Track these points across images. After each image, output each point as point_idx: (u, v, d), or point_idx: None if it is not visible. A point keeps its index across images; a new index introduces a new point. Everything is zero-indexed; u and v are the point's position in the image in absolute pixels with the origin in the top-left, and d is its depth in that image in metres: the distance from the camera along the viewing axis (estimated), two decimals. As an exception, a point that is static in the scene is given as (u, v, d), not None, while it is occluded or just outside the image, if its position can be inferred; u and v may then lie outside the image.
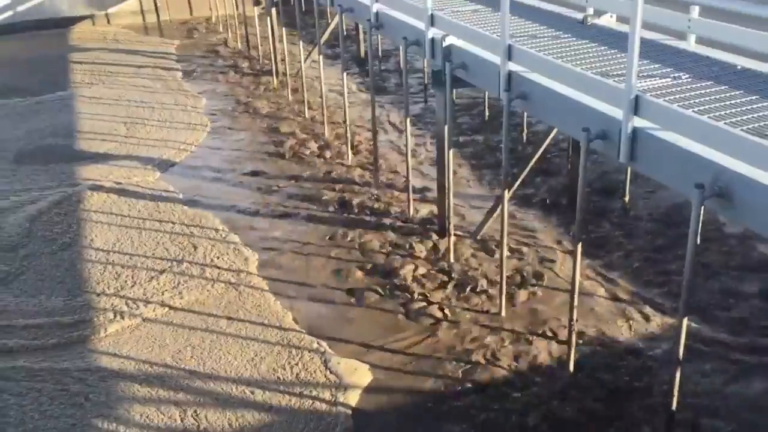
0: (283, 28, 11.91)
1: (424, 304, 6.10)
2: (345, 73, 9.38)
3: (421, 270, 6.58)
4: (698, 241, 3.94)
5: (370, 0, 7.81)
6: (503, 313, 5.92)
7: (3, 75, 13.75)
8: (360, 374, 5.28)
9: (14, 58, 15.03)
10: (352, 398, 5.04)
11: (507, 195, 5.84)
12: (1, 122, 11.15)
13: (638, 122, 4.25)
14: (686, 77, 4.89)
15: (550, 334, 5.66)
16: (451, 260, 6.71)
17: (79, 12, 17.20)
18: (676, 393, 4.35)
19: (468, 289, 6.27)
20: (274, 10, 12.36)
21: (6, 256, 7.12)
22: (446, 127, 6.61)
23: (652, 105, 4.17)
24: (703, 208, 3.78)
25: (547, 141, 6.80)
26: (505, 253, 5.92)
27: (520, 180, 6.82)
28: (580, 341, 5.47)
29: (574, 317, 5.09)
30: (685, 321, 4.14)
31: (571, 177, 7.32)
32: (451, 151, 6.64)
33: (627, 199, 7.73)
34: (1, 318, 6.09)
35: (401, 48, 7.47)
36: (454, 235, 6.83)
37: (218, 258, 6.97)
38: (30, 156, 9.86)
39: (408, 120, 7.57)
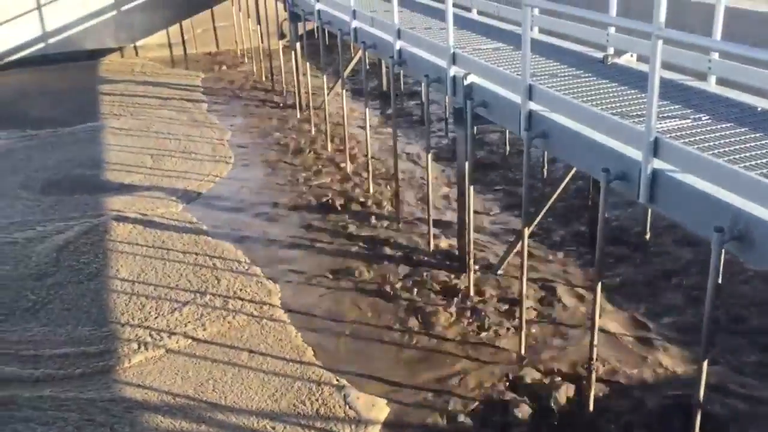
0: (307, 62, 12.12)
1: (443, 340, 6.13)
2: (367, 109, 9.55)
3: (441, 306, 6.62)
4: (719, 281, 3.96)
5: (392, 37, 7.97)
6: (522, 351, 5.93)
7: (35, 106, 14.11)
8: (378, 409, 5.31)
9: (46, 89, 15.41)
10: (371, 434, 5.07)
11: (527, 231, 5.90)
12: (32, 152, 11.41)
13: (658, 164, 4.30)
14: (706, 119, 4.94)
15: (569, 372, 5.66)
16: (471, 296, 6.75)
17: (108, 44, 17.63)
18: (697, 435, 4.34)
19: (487, 325, 6.29)
20: (298, 45, 12.60)
21: (34, 285, 7.27)
22: (467, 164, 6.70)
23: (672, 147, 4.22)
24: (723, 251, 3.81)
25: (568, 178, 6.85)
26: (525, 290, 5.95)
27: (540, 216, 6.86)
28: (600, 381, 5.46)
29: (594, 356, 5.09)
30: (705, 364, 4.14)
31: (591, 214, 7.36)
32: (471, 187, 6.72)
33: (648, 236, 7.73)
34: (29, 347, 6.22)
35: (423, 85, 7.60)
36: (474, 270, 6.88)
37: (241, 290, 7.07)
38: (58, 186, 10.07)
39: (429, 156, 7.67)
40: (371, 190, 9.34)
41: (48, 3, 17.02)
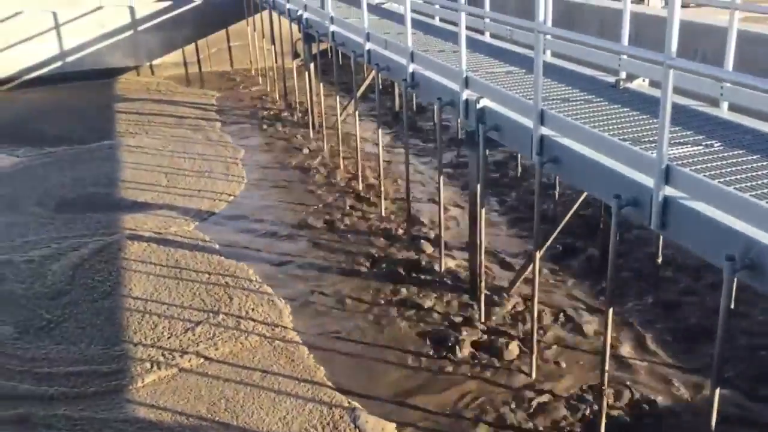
0: (321, 83, 12.23)
1: (454, 362, 6.14)
2: (380, 130, 9.62)
3: (452, 328, 6.64)
4: (731, 307, 3.96)
5: (406, 60, 8.05)
6: (533, 375, 5.93)
7: (53, 124, 14.30)
8: (389, 433, 5.32)
9: (63, 107, 15.63)
10: (382, 457, 5.08)
11: (538, 255, 5.92)
12: (49, 170, 11.56)
13: (669, 191, 4.32)
14: (718, 145, 4.96)
15: (580, 396, 5.65)
16: (482, 318, 6.76)
17: (124, 63, 17.86)
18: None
19: (498, 348, 6.30)
20: (312, 65, 12.73)
21: (49, 303, 7.35)
22: (479, 186, 6.74)
23: (683, 175, 4.24)
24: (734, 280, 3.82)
25: (580, 201, 6.87)
26: (536, 313, 5.96)
27: (551, 239, 6.88)
28: (612, 406, 5.45)
29: (605, 382, 5.09)
30: (718, 392, 4.13)
31: (603, 236, 7.36)
32: (483, 210, 6.75)
33: (660, 260, 7.72)
34: (43, 365, 6.28)
35: (435, 107, 7.66)
36: (485, 293, 6.89)
37: (253, 310, 7.11)
38: (72, 204, 10.18)
39: (441, 178, 7.71)
40: (383, 210, 9.39)
41: (66, 22, 17.30)
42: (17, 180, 11.17)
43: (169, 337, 6.58)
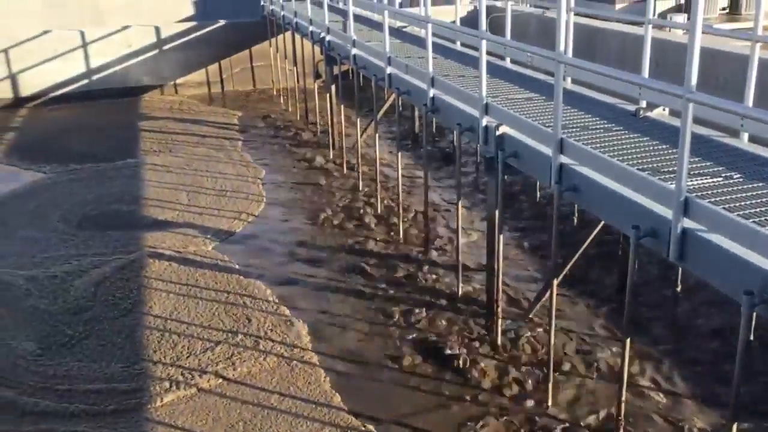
0: (341, 105, 12.35)
1: (471, 387, 6.15)
2: (399, 153, 9.71)
3: (470, 352, 6.65)
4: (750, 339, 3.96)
5: (426, 85, 8.14)
6: (549, 402, 5.92)
7: (79, 141, 14.56)
8: (405, 458, 5.34)
9: (89, 124, 15.90)
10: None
11: (555, 282, 5.93)
12: (74, 186, 11.76)
13: (688, 223, 4.34)
14: (737, 177, 4.97)
15: (597, 426, 5.63)
16: (498, 343, 6.77)
17: (149, 82, 18.15)
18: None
19: (514, 374, 6.30)
20: (333, 87, 12.86)
21: (71, 319, 7.46)
22: (497, 212, 6.78)
23: (702, 208, 4.26)
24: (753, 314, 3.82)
25: (597, 228, 6.87)
26: (553, 339, 5.96)
27: (568, 266, 6.88)
28: (629, 435, 5.44)
29: (622, 412, 5.08)
30: (735, 427, 4.11)
31: (622, 263, 7.36)
32: (501, 236, 6.78)
33: (679, 288, 7.69)
34: (64, 382, 6.37)
35: (455, 133, 7.73)
36: (502, 318, 6.90)
37: (271, 330, 7.17)
38: (94, 221, 10.34)
39: (459, 203, 7.76)
40: (401, 231, 9.44)
41: (93, 41, 17.64)
42: (43, 196, 11.36)
43: (188, 357, 6.66)
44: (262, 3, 18.34)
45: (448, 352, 6.67)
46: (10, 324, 7.43)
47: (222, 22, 18.33)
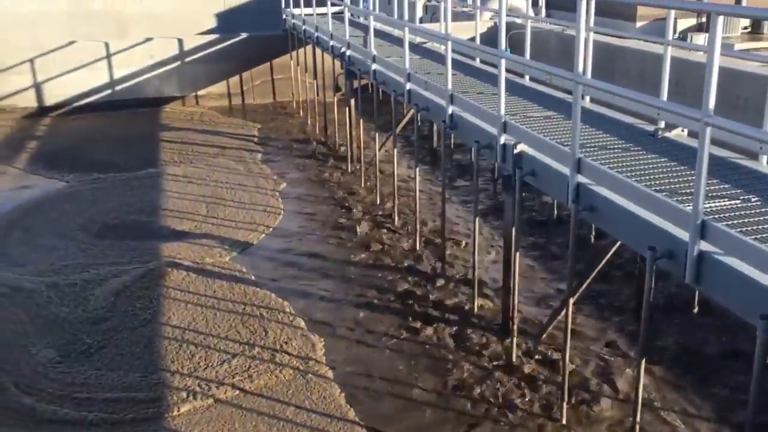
0: (360, 119, 12.45)
1: (486, 404, 6.16)
2: (417, 168, 9.77)
3: (484, 370, 6.67)
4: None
5: (445, 102, 8.20)
6: (564, 421, 5.91)
7: (101, 151, 14.78)
8: (418, 474, 5.36)
9: (111, 134, 16.15)
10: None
11: (571, 301, 5.95)
12: (96, 195, 11.94)
13: (705, 246, 4.35)
14: (755, 200, 4.97)
15: (612, 446, 5.63)
16: (513, 361, 6.78)
17: (171, 93, 18.40)
18: None
19: (528, 391, 6.30)
20: (353, 101, 12.97)
21: (91, 328, 7.57)
22: (514, 230, 6.81)
23: (719, 231, 4.27)
24: (768, 339, 3.82)
25: (614, 248, 6.87)
26: (568, 358, 5.96)
27: (585, 285, 6.88)
28: (643, 457, 5.42)
29: (637, 433, 5.07)
30: (750, 451, 4.10)
31: (639, 283, 7.35)
32: (518, 254, 6.80)
33: (696, 309, 7.66)
34: (83, 390, 6.47)
35: (473, 150, 7.77)
36: (517, 335, 6.91)
37: (286, 343, 7.23)
38: (114, 230, 10.48)
39: (477, 219, 7.80)
40: (418, 246, 9.48)
41: (117, 52, 17.93)
42: (65, 204, 11.54)
43: (205, 368, 6.73)
44: (283, 17, 18.55)
45: (463, 368, 6.68)
46: (30, 331, 7.55)
47: (244, 35, 18.56)
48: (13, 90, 17.59)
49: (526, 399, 6.22)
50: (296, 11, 16.86)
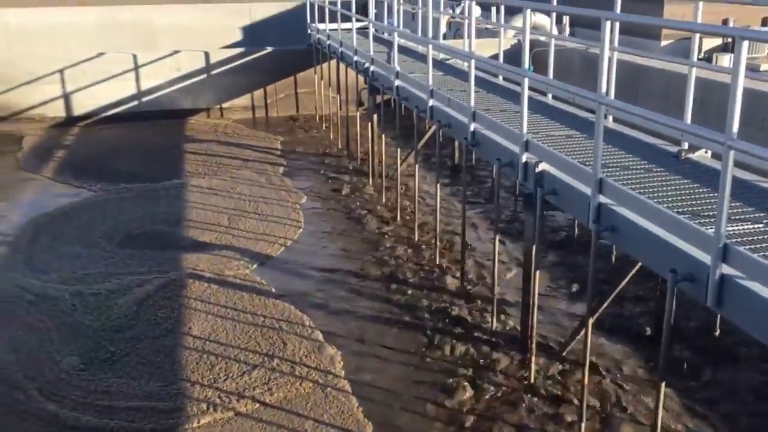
0: (383, 134, 12.53)
1: (503, 423, 6.16)
2: (438, 183, 9.81)
3: (502, 388, 6.66)
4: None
5: (468, 119, 8.25)
6: (583, 442, 5.90)
7: (128, 161, 15.01)
8: (435, 491, 5.36)
9: (137, 145, 16.38)
10: None
11: (591, 320, 5.94)
12: (122, 205, 12.11)
13: (726, 269, 4.33)
14: (779, 224, 4.95)
15: (630, 468, 5.59)
16: (532, 381, 6.76)
17: (196, 105, 18.64)
18: None
19: (546, 410, 6.29)
20: (375, 116, 13.06)
21: (114, 336, 7.68)
22: (534, 248, 6.81)
23: (741, 255, 4.25)
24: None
25: (635, 269, 6.85)
26: (587, 378, 5.94)
27: (605, 305, 6.86)
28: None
29: (656, 456, 5.04)
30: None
31: (659, 303, 7.31)
32: (537, 272, 6.81)
33: (718, 333, 7.59)
34: (104, 398, 6.56)
35: (494, 167, 7.80)
36: (536, 353, 6.90)
37: (305, 356, 7.28)
38: (136, 239, 10.62)
39: (497, 237, 7.81)
40: (437, 261, 9.51)
41: (144, 64, 18.21)
42: (91, 214, 11.71)
43: (225, 379, 6.79)
44: (308, 31, 18.75)
45: (482, 385, 6.69)
46: (55, 338, 7.67)
47: (269, 49, 18.76)
48: (42, 100, 17.92)
49: (545, 418, 6.20)
50: (321, 26, 17.03)
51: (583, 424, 5.91)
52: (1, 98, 17.67)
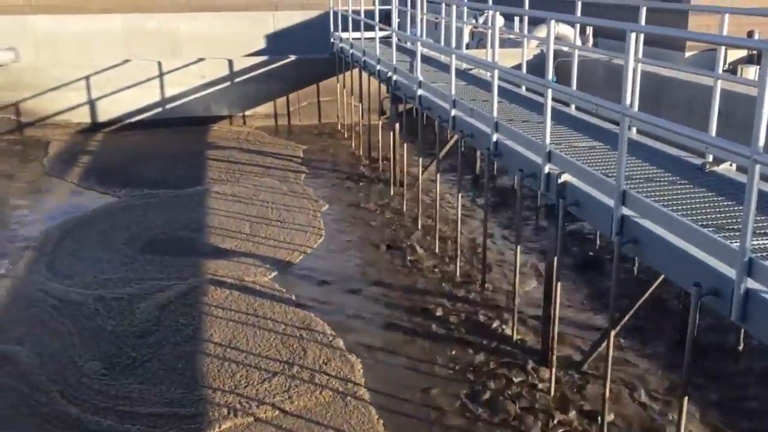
0: (405, 143, 12.55)
1: (523, 435, 6.14)
2: (459, 193, 9.80)
3: (522, 399, 6.63)
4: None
5: (490, 129, 8.24)
6: (603, 456, 5.85)
7: (152, 168, 15.16)
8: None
9: (161, 151, 16.55)
10: None
11: (613, 333, 5.89)
12: (146, 211, 12.23)
13: (751, 283, 4.29)
14: (805, 239, 4.89)
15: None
16: (552, 393, 6.72)
17: (219, 112, 18.81)
18: None
19: (566, 422, 6.24)
20: (397, 125, 13.09)
21: (135, 342, 7.75)
22: (555, 259, 6.78)
23: (767, 269, 4.21)
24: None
25: (658, 281, 6.80)
26: (608, 391, 5.90)
27: (627, 317, 6.81)
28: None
29: (678, 472, 4.98)
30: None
31: (683, 315, 7.24)
32: (559, 284, 6.77)
33: (741, 347, 7.50)
34: (126, 403, 6.61)
35: (516, 178, 7.78)
36: (557, 365, 6.86)
37: (326, 364, 7.29)
38: (157, 245, 10.71)
39: (518, 247, 7.79)
40: (458, 271, 9.49)
41: (169, 72, 18.42)
42: (115, 219, 11.85)
43: (246, 386, 6.82)
44: (331, 40, 18.86)
45: (501, 397, 6.66)
46: (77, 342, 7.76)
47: (292, 58, 18.89)
48: (68, 106, 18.18)
49: (566, 430, 6.16)
50: (344, 35, 17.12)
51: (604, 438, 5.87)
52: (28, 104, 17.98)
